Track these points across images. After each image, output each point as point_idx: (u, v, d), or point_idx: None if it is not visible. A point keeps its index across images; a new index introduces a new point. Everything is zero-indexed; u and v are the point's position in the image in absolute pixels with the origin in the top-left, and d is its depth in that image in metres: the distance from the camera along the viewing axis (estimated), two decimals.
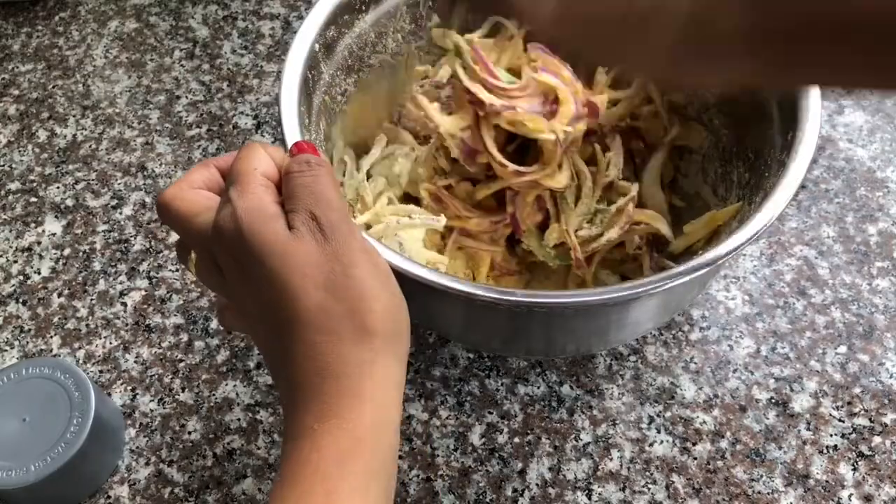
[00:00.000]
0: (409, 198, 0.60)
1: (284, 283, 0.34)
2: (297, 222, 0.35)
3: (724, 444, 0.56)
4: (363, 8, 0.56)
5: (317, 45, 0.53)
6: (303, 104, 0.51)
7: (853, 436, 0.56)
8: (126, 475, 0.56)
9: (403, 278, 0.41)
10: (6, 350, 0.61)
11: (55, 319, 0.63)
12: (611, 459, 0.55)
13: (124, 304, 0.63)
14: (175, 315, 0.62)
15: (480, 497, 0.54)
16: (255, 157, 0.37)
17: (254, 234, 0.35)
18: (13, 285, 0.64)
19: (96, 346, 0.61)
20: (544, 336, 0.53)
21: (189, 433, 0.57)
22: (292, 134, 0.48)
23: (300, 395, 0.34)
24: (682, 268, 0.44)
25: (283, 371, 0.36)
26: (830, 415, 0.56)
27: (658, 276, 0.44)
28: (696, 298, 0.61)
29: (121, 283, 0.64)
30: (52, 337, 0.62)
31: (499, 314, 0.49)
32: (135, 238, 0.66)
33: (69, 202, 0.69)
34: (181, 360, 0.60)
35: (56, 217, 0.68)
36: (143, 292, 0.64)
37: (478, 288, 0.44)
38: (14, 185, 0.70)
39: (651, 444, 0.56)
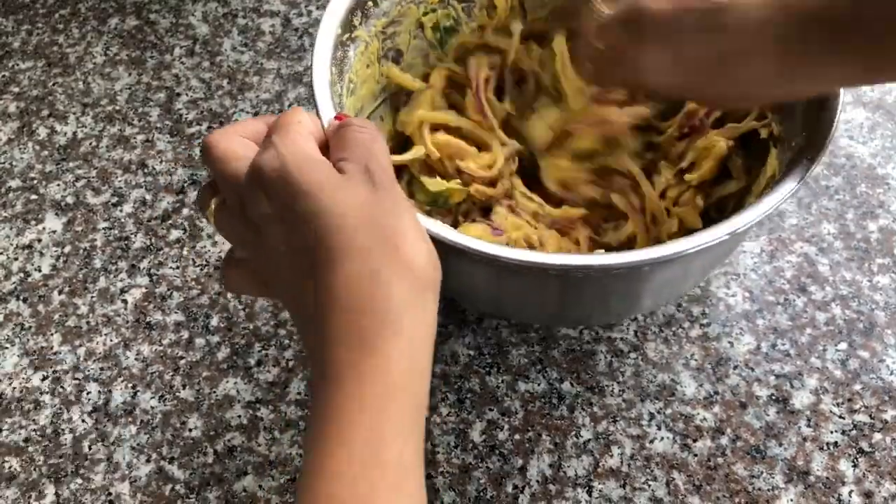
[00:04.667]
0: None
1: (332, 215, 0.35)
2: (349, 169, 0.36)
3: (724, 440, 0.56)
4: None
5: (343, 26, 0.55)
6: (334, 80, 0.52)
7: (853, 432, 0.56)
8: (127, 472, 0.56)
9: (450, 248, 0.43)
10: (7, 347, 0.61)
11: (56, 317, 0.63)
12: (611, 456, 0.55)
13: (125, 302, 0.63)
14: (176, 312, 0.62)
15: (481, 494, 0.54)
16: (298, 113, 0.39)
17: (302, 172, 0.36)
18: (14, 283, 0.65)
19: (97, 343, 0.61)
20: (616, 299, 0.54)
21: (190, 430, 0.57)
22: (324, 103, 0.49)
23: (335, 332, 0.34)
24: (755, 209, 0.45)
25: (314, 311, 0.35)
26: (831, 411, 0.57)
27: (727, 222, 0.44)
28: (697, 294, 0.61)
29: (121, 280, 0.64)
30: (52, 334, 0.62)
31: (552, 281, 0.50)
32: (135, 235, 0.66)
33: (69, 199, 0.69)
34: (182, 358, 0.60)
35: (56, 214, 0.68)
36: (144, 289, 0.64)
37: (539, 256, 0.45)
38: (14, 183, 0.70)
39: (651, 441, 0.56)
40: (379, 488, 0.32)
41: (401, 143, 0.61)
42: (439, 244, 0.40)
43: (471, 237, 0.45)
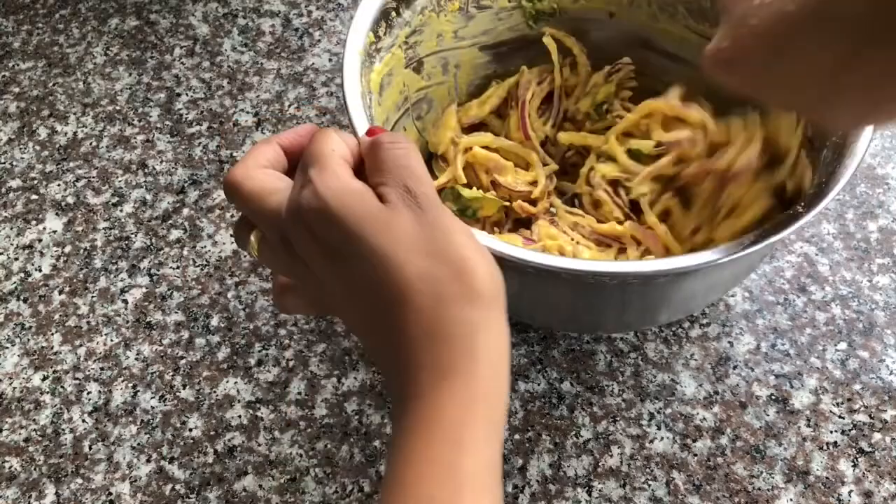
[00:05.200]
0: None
1: (387, 255, 0.34)
2: (391, 196, 0.36)
3: (724, 440, 0.56)
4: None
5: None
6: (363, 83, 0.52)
7: (853, 432, 0.56)
8: (127, 472, 0.56)
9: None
10: (7, 347, 0.61)
11: (56, 317, 0.63)
12: (611, 456, 0.55)
13: (125, 302, 0.63)
14: (176, 312, 0.63)
15: None
16: (330, 139, 0.38)
17: (345, 210, 0.35)
18: (14, 283, 0.65)
19: (97, 343, 0.61)
20: (642, 307, 0.54)
21: (190, 430, 0.57)
22: (357, 114, 0.49)
23: (412, 360, 0.34)
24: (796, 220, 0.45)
25: (388, 342, 0.35)
26: (830, 411, 0.57)
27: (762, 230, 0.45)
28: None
29: (121, 280, 0.64)
30: (52, 334, 0.62)
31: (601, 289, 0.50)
32: (135, 235, 0.67)
33: (70, 199, 0.69)
34: (182, 358, 0.60)
35: (57, 214, 0.68)
36: (144, 289, 0.64)
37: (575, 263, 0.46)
38: (15, 183, 0.70)
39: (651, 441, 0.56)
40: (462, 492, 0.32)
41: (425, 152, 0.62)
42: None
43: (496, 239, 0.45)
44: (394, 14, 0.56)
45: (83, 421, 0.58)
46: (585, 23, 0.63)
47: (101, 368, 0.60)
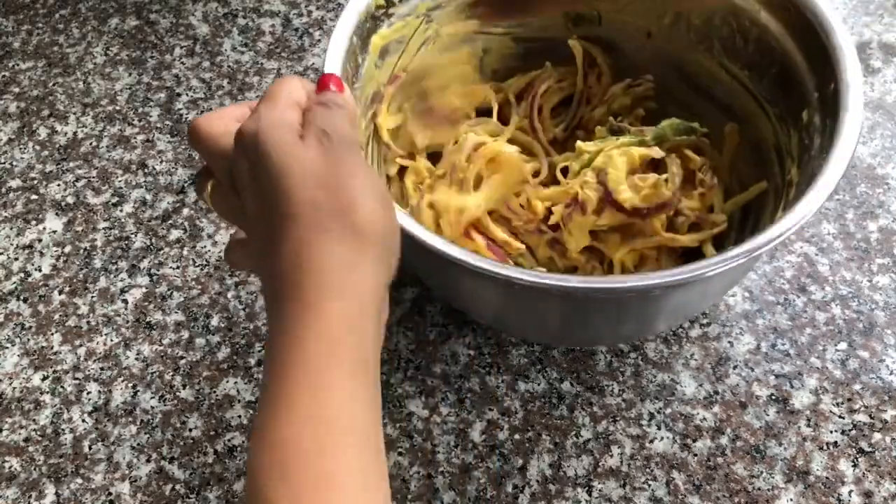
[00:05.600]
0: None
1: (283, 178, 0.36)
2: (307, 134, 0.37)
3: (724, 440, 0.56)
4: None
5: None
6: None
7: (853, 432, 0.56)
8: (127, 472, 0.56)
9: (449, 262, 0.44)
10: (7, 347, 0.61)
11: (56, 317, 0.63)
12: (611, 456, 0.55)
13: (125, 302, 0.63)
14: (176, 312, 0.63)
15: (481, 494, 0.54)
16: (289, 83, 0.40)
17: (267, 134, 0.37)
18: (14, 283, 0.65)
19: (97, 343, 0.61)
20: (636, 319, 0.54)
21: (190, 430, 0.57)
22: (333, 64, 0.50)
23: (284, 290, 0.35)
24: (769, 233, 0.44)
25: (273, 270, 0.36)
26: (830, 411, 0.57)
27: (741, 247, 0.44)
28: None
29: (121, 280, 0.64)
30: (52, 334, 0.62)
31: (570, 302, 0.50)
32: (135, 235, 0.66)
33: (70, 199, 0.69)
34: (182, 358, 0.60)
35: (57, 214, 0.68)
36: (144, 289, 0.64)
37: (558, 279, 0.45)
38: (15, 183, 0.70)
39: (651, 441, 0.56)
40: (324, 444, 0.33)
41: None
42: (449, 262, 0.40)
43: (476, 254, 0.45)
44: None
45: (83, 421, 0.58)
46: (623, 37, 0.63)
47: (101, 368, 0.60)
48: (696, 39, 0.60)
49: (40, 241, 0.67)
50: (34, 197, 0.69)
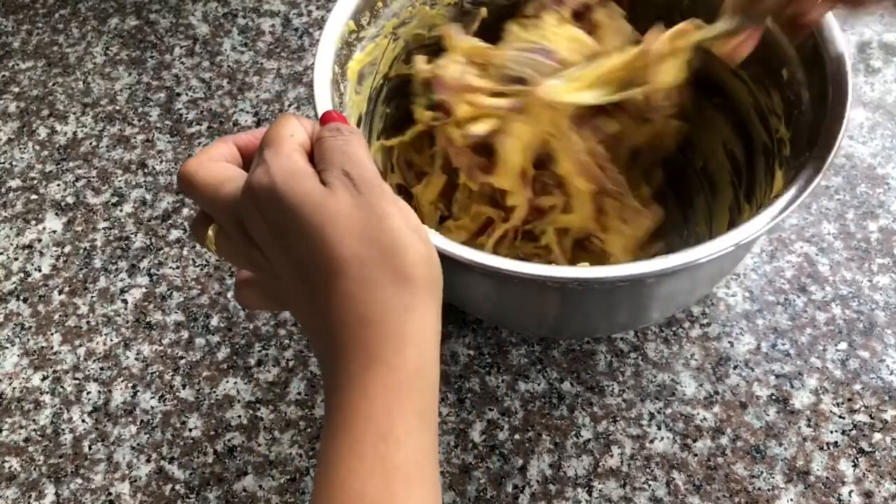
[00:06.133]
0: None
1: (320, 234, 0.35)
2: (330, 178, 0.36)
3: (724, 440, 0.56)
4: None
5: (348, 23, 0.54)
6: (336, 71, 0.52)
7: (853, 432, 0.56)
8: (127, 472, 0.56)
9: (455, 262, 0.44)
10: (7, 347, 0.61)
11: (56, 317, 0.63)
12: (611, 456, 0.55)
13: (125, 302, 0.63)
14: (176, 312, 0.63)
15: (481, 494, 0.54)
16: (289, 124, 0.38)
17: (288, 188, 0.35)
18: (14, 283, 0.65)
19: (97, 343, 0.61)
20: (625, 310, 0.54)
21: (190, 430, 0.57)
22: (323, 100, 0.49)
23: (341, 345, 0.35)
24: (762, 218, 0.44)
25: (322, 326, 0.35)
26: (831, 411, 0.57)
27: (730, 234, 0.44)
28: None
29: (121, 280, 0.64)
30: (52, 334, 0.62)
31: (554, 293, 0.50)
32: (135, 235, 0.66)
33: (70, 199, 0.69)
34: (182, 358, 0.60)
35: (56, 214, 0.68)
36: (144, 289, 0.64)
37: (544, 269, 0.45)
38: (14, 183, 0.70)
39: (651, 441, 0.56)
40: (391, 495, 0.32)
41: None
42: (441, 256, 0.39)
43: (469, 249, 0.45)
44: (380, 4, 0.56)
45: (83, 421, 0.58)
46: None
47: (101, 368, 0.60)
48: (657, 14, 0.59)
49: (40, 241, 0.67)
50: (34, 197, 0.69)
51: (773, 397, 0.57)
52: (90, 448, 0.57)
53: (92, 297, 0.64)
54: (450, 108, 0.56)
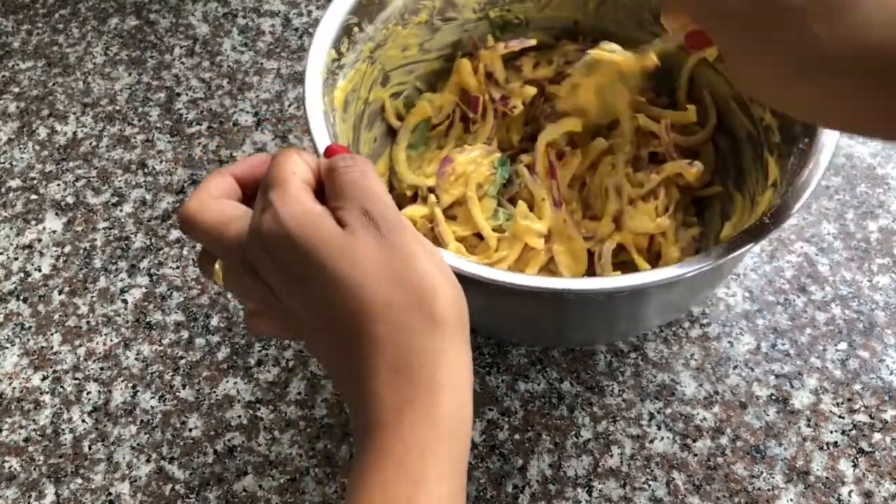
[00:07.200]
0: None
1: (346, 281, 0.34)
2: (349, 219, 0.35)
3: (724, 440, 0.56)
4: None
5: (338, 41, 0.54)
6: (326, 98, 0.52)
7: (853, 432, 0.56)
8: (127, 472, 0.56)
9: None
10: (7, 347, 0.61)
11: (56, 317, 0.63)
12: (611, 456, 0.55)
13: (125, 302, 0.63)
14: (176, 312, 0.63)
15: (481, 494, 0.54)
16: (291, 161, 0.37)
17: (304, 233, 0.34)
18: (14, 283, 0.65)
19: (97, 343, 0.61)
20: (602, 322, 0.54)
21: (190, 430, 0.57)
22: (321, 135, 0.49)
23: (373, 390, 0.34)
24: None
25: (350, 369, 0.35)
26: (831, 411, 0.57)
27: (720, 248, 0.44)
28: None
29: (121, 280, 0.64)
30: (52, 334, 0.62)
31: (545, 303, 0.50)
32: (135, 235, 0.66)
33: (70, 199, 0.69)
34: (182, 358, 0.60)
35: (56, 214, 0.68)
36: (144, 289, 0.64)
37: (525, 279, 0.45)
38: (14, 183, 0.70)
39: (651, 441, 0.56)
40: None
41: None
42: None
43: (465, 260, 0.45)
44: (356, 29, 0.55)
45: (83, 421, 0.58)
46: (552, 32, 0.62)
47: (101, 368, 0.60)
48: (625, 16, 0.60)
49: (40, 241, 0.67)
50: (34, 197, 0.69)
51: (773, 397, 0.57)
52: (90, 448, 0.57)
53: (92, 297, 0.64)
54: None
